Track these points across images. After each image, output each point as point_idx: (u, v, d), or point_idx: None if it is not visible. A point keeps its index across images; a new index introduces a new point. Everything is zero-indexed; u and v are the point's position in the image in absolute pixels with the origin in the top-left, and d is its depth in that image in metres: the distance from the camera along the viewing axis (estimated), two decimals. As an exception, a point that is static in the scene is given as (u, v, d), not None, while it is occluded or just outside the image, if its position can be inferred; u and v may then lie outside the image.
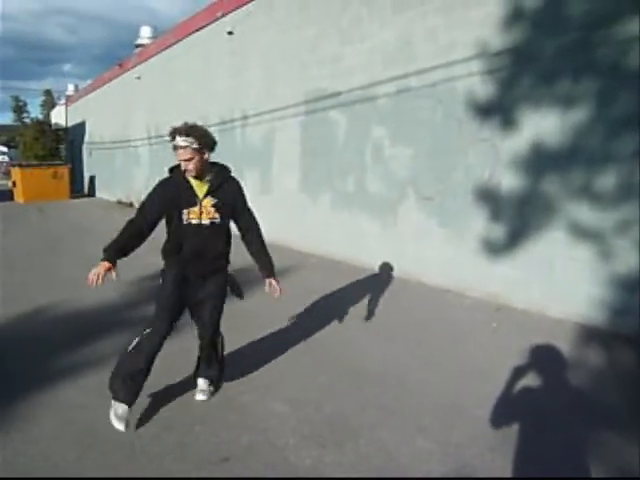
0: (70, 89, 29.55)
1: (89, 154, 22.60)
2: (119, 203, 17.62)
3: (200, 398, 3.31)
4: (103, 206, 17.47)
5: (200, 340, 3.27)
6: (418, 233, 6.61)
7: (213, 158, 3.03)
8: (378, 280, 6.55)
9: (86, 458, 2.72)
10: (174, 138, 2.85)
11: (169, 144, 2.96)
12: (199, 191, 2.99)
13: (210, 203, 2.99)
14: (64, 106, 28.36)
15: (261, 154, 9.84)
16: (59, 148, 27.52)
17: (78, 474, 2.59)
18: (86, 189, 23.04)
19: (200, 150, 2.86)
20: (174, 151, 2.90)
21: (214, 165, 3.05)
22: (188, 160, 2.85)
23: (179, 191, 2.98)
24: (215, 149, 2.98)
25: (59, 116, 28.83)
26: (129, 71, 16.81)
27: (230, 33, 10.48)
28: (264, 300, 5.75)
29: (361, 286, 6.31)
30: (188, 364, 3.53)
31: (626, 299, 4.62)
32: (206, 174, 2.98)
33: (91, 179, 22.40)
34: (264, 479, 2.53)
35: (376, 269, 7.00)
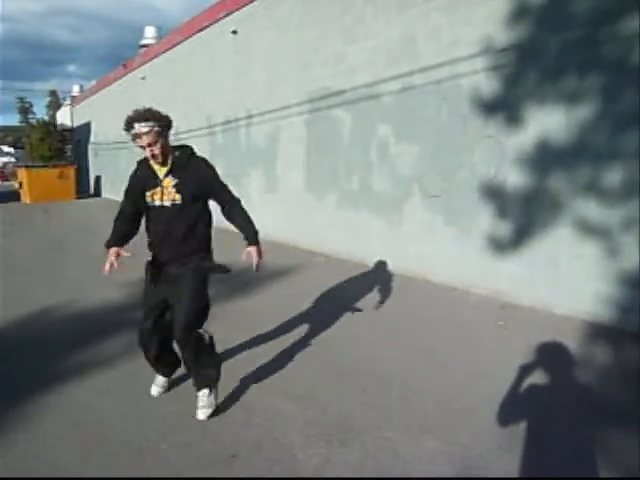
0: (75, 90, 29.70)
1: (95, 154, 22.66)
2: (125, 203, 17.60)
3: (199, 417, 3.05)
4: (109, 206, 17.42)
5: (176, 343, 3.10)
6: (424, 231, 6.59)
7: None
8: (384, 278, 6.54)
9: (92, 458, 2.73)
10: (132, 127, 2.81)
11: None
12: (160, 172, 2.98)
13: (171, 184, 2.94)
14: (69, 107, 28.48)
15: (266, 153, 9.84)
16: (65, 149, 27.57)
17: (83, 475, 2.60)
18: (92, 189, 23.14)
19: (162, 132, 2.86)
20: (134, 141, 2.88)
21: (175, 148, 3.03)
22: (153, 144, 2.83)
23: (144, 175, 3.02)
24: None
25: (65, 117, 28.97)
26: (134, 71, 16.85)
27: (234, 32, 10.49)
28: (269, 299, 5.79)
29: (366, 284, 6.30)
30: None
31: (633, 296, 4.59)
32: (168, 157, 2.95)
33: (97, 179, 22.48)
34: (265, 479, 2.52)
35: (382, 267, 6.99)
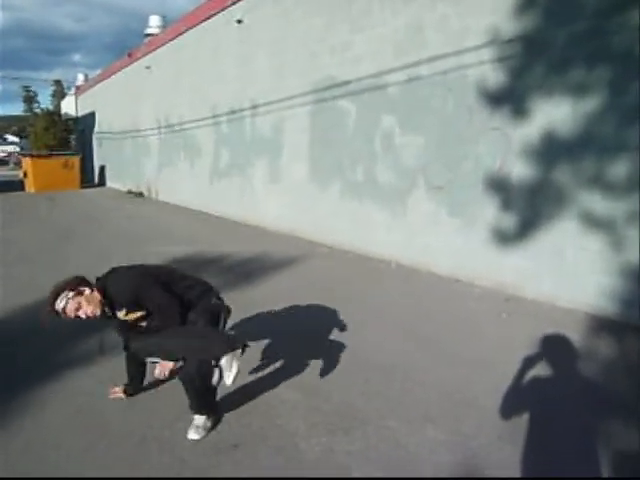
0: (80, 79, 29.70)
1: (99, 144, 22.69)
2: (129, 193, 17.71)
3: (190, 437, 2.83)
4: (113, 196, 17.56)
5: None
6: (428, 222, 6.58)
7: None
8: (387, 270, 6.54)
9: (96, 446, 2.76)
10: (55, 304, 2.69)
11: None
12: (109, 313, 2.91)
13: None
14: (74, 96, 28.47)
15: (270, 143, 9.82)
16: (69, 138, 27.63)
17: (89, 462, 2.63)
18: (96, 179, 23.18)
19: (82, 291, 2.75)
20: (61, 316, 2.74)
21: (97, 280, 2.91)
22: (79, 309, 2.72)
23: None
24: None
25: (69, 106, 29.00)
26: (138, 61, 16.80)
27: (239, 22, 10.43)
28: (272, 289, 5.80)
29: (370, 276, 6.31)
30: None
31: (637, 289, 4.59)
32: (99, 303, 2.80)
33: (101, 169, 22.50)
34: (265, 479, 2.55)
35: (385, 258, 7.00)
